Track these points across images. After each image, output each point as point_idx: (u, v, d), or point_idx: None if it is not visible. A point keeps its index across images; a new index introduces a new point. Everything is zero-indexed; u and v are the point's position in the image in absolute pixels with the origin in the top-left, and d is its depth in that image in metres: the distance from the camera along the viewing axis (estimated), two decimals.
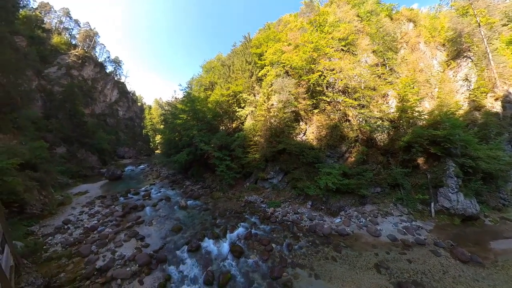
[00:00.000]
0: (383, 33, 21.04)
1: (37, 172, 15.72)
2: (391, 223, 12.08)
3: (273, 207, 14.39)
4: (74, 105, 33.50)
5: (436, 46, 22.67)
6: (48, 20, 47.98)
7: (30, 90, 25.76)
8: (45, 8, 48.41)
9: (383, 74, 18.95)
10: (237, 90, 23.75)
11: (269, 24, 33.97)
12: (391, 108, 17.55)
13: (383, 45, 20.62)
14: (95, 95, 47.41)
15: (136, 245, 10.42)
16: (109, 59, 61.70)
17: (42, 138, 21.42)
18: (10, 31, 22.00)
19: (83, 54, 46.36)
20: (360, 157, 15.33)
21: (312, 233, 11.24)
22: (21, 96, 21.12)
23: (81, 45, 50.74)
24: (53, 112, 31.00)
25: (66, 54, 42.91)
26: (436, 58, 22.23)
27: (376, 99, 17.95)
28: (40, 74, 33.10)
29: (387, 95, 18.31)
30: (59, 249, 10.11)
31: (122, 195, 18.70)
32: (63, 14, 51.85)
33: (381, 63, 20.12)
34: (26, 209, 12.89)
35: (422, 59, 21.69)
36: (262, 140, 18.03)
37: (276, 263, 8.90)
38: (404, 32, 23.30)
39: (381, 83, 18.28)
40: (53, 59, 39.61)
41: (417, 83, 18.99)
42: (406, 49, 22.26)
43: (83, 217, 14.05)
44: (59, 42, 44.49)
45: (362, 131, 16.35)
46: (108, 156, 38.18)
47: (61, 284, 7.78)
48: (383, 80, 18.72)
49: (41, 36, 38.93)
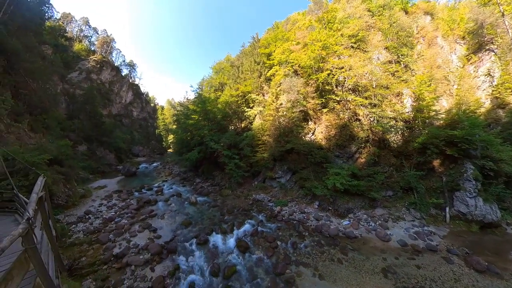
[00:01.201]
0: (397, 28, 20.04)
1: (63, 167, 17.12)
2: (402, 228, 11.66)
3: (280, 205, 14.50)
4: (94, 107, 36.09)
5: (455, 39, 21.23)
6: (70, 29, 52.53)
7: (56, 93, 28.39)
8: (67, 18, 52.90)
9: (397, 72, 18.11)
10: (246, 91, 24.12)
11: (278, 24, 33.99)
12: (406, 107, 16.77)
13: (397, 41, 19.65)
14: (112, 97, 50.60)
15: (149, 236, 11.07)
16: (124, 63, 65.57)
17: (66, 137, 23.30)
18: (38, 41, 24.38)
19: (101, 59, 49.78)
20: (371, 159, 14.95)
21: (318, 233, 11.21)
22: (48, 99, 23.22)
23: (99, 50, 54.82)
24: (75, 113, 33.55)
25: (86, 60, 46.41)
26: (455, 52, 20.86)
27: (389, 98, 17.25)
28: (64, 79, 36.05)
29: (402, 94, 17.50)
30: (81, 236, 11.04)
31: (136, 190, 19.76)
32: (83, 23, 56.24)
33: (395, 60, 19.22)
34: (53, 199, 14.08)
35: (440, 55, 20.40)
36: (270, 140, 18.21)
37: (280, 260, 9.03)
38: (420, 27, 21.96)
39: (395, 81, 17.52)
40: (75, 65, 43.01)
41: (434, 80, 17.92)
42: (422, 45, 21.01)
43: (102, 208, 15.09)
44: (80, 49, 48.48)
45: (374, 132, 15.86)
46: (124, 154, 40.45)
47: (82, 266, 8.56)
48: (397, 78, 17.89)
49: (64, 44, 42.70)
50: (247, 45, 32.17)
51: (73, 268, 8.34)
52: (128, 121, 55.37)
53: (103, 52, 55.53)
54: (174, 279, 7.94)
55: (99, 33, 59.66)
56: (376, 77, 17.07)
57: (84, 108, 34.76)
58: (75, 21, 54.81)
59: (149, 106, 72.04)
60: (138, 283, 7.68)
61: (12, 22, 19.58)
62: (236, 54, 37.07)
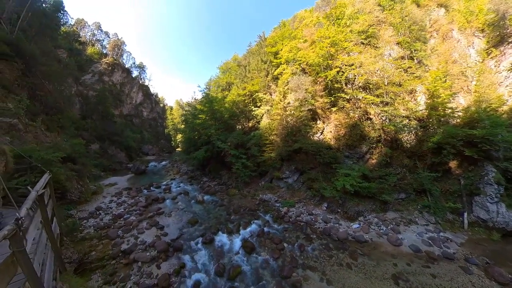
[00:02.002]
0: (409, 22, 19.06)
1: (76, 165, 17.72)
2: (415, 232, 11.08)
3: (287, 206, 14.25)
4: (106, 107, 37.66)
5: (473, 32, 19.78)
6: (83, 34, 54.96)
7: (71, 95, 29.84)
8: (80, 23, 55.34)
9: (410, 68, 17.23)
10: (253, 90, 24.00)
11: (284, 22, 33.67)
12: (420, 105, 15.91)
13: (409, 36, 18.70)
14: (123, 98, 52.48)
15: (156, 233, 11.18)
16: (134, 65, 67.68)
17: (80, 136, 24.26)
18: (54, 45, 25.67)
19: (113, 61, 51.82)
20: (383, 159, 14.37)
21: (326, 236, 10.88)
22: (63, 100, 24.30)
23: (110, 53, 57.00)
24: (89, 114, 34.95)
25: (98, 63, 48.39)
26: (473, 46, 19.48)
27: (402, 96, 16.44)
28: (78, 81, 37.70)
29: (415, 91, 16.63)
30: (92, 231, 11.34)
31: (145, 188, 20.14)
32: (95, 27, 58.60)
33: (408, 56, 18.27)
34: (67, 195, 14.62)
35: (456, 49, 19.16)
36: (278, 139, 17.96)
37: (286, 262, 8.81)
38: (434, 20, 20.73)
39: (408, 78, 16.69)
40: (88, 68, 44.94)
41: (450, 76, 16.89)
42: (436, 39, 19.85)
43: (112, 205, 15.47)
44: (92, 52, 50.66)
45: (386, 131, 15.23)
46: (134, 152, 41.62)
47: (92, 261, 8.78)
48: (410, 75, 17.02)
49: (78, 48, 44.99)
50: (253, 44, 32.06)
51: (83, 262, 8.56)
52: (139, 121, 57.10)
53: (114, 54, 57.74)
54: (180, 277, 7.95)
55: (110, 36, 61.94)
56: (388, 74, 16.36)
57: (97, 108, 36.25)
58: (88, 26, 57.31)
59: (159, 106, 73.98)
60: (144, 280, 7.74)
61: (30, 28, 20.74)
62: (243, 54, 37.02)
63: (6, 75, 15.90)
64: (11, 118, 14.00)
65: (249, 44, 34.84)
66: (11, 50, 16.33)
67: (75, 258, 8.02)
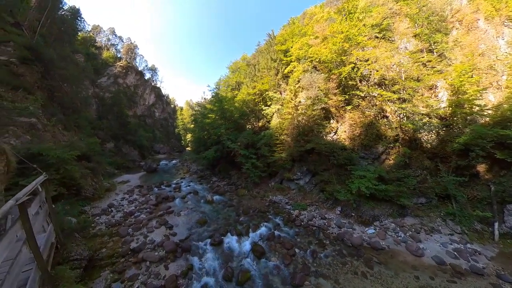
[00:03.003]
0: (428, 12, 17.70)
1: (91, 163, 18.28)
2: (438, 242, 10.15)
3: (298, 209, 13.74)
4: (120, 108, 39.40)
5: (502, 21, 17.84)
6: (99, 39, 57.89)
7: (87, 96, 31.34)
8: (96, 29, 58.41)
9: (429, 62, 15.98)
10: (263, 89, 23.64)
11: (294, 19, 33.11)
12: (442, 102, 14.74)
13: (428, 27, 17.32)
14: (136, 99, 54.72)
15: (165, 232, 11.14)
16: (147, 67, 70.32)
17: (95, 135, 25.26)
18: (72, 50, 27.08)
19: (126, 64, 54.24)
20: (401, 160, 13.43)
21: (340, 242, 10.28)
22: (80, 102, 25.47)
23: (124, 57, 59.72)
24: (104, 114, 36.54)
25: (113, 66, 50.86)
26: (503, 37, 17.61)
27: (421, 92, 15.32)
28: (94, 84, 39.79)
29: (436, 86, 15.43)
30: (103, 228, 11.51)
31: (156, 186, 20.42)
32: (110, 32, 61.80)
33: (427, 49, 16.94)
34: (81, 192, 15.06)
35: (483, 40, 17.55)
36: (288, 139, 17.44)
37: (298, 269, 8.35)
38: (455, 9, 19.15)
39: (428, 73, 15.47)
40: (103, 71, 47.34)
41: (477, 70, 15.44)
42: (459, 30, 18.14)
43: (124, 202, 15.74)
44: (108, 56, 53.47)
45: (404, 130, 14.27)
46: (146, 151, 42.98)
47: (102, 258, 8.84)
48: (430, 69, 15.79)
49: (94, 52, 47.71)
50: (262, 43, 31.81)
51: (93, 259, 8.63)
52: (151, 121, 59.04)
53: (128, 58, 60.43)
54: (187, 279, 7.76)
55: (124, 40, 65.25)
56: (405, 69, 15.27)
57: (112, 109, 37.98)
58: (103, 32, 60.55)
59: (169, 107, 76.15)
60: (151, 280, 7.64)
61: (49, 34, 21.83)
62: (252, 53, 37.01)
63: (27, 78, 16.68)
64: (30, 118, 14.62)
65: (258, 43, 34.63)
66: (31, 55, 17.14)
67: (85, 255, 8.06)
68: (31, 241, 3.61)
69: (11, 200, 2.97)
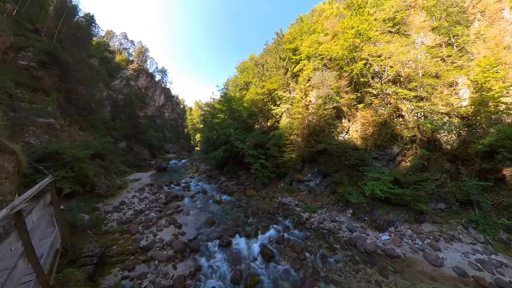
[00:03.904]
0: (446, 3, 16.61)
1: (104, 161, 18.86)
2: (459, 251, 9.45)
3: (308, 211, 13.38)
4: (132, 109, 40.92)
5: None
6: (112, 44, 60.50)
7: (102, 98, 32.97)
8: (109, 34, 61.23)
9: (449, 57, 14.97)
10: (271, 88, 23.36)
11: (302, 17, 32.54)
12: (463, 100, 13.75)
13: (447, 19, 16.25)
14: (147, 100, 56.54)
15: (174, 231, 11.20)
16: (157, 69, 72.26)
17: (109, 135, 26.04)
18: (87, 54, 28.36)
19: (138, 67, 56.29)
20: (418, 162, 12.62)
21: (352, 247, 9.86)
22: (95, 103, 26.59)
23: (136, 60, 61.87)
24: (117, 115, 37.94)
25: (125, 69, 52.87)
26: None
27: (440, 89, 14.37)
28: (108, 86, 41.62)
29: (456, 83, 14.41)
30: (115, 225, 11.75)
31: (166, 185, 20.70)
32: (122, 37, 64.48)
33: (446, 43, 15.86)
34: (95, 189, 15.51)
35: (509, 32, 16.20)
36: (299, 139, 17.04)
37: (308, 274, 8.08)
38: None
39: (447, 68, 14.47)
40: (116, 74, 49.38)
41: (503, 65, 14.18)
42: (482, 21, 16.77)
43: (135, 200, 16.03)
44: (120, 60, 55.53)
45: (421, 130, 13.45)
46: (157, 150, 44.17)
47: (112, 255, 9.00)
48: (449, 64, 14.78)
49: (108, 56, 50.07)
50: (270, 42, 31.61)
51: (104, 256, 8.79)
52: (161, 121, 60.73)
53: (139, 61, 62.86)
54: (195, 280, 7.70)
55: (136, 44, 67.91)
56: (422, 64, 14.35)
57: (125, 110, 39.56)
58: (116, 36, 63.53)
59: (179, 107, 77.85)
60: (160, 279, 7.65)
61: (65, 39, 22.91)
62: (259, 53, 36.98)
63: (45, 81, 17.49)
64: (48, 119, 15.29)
65: (266, 42, 34.50)
66: (49, 59, 17.94)
67: (97, 252, 8.22)
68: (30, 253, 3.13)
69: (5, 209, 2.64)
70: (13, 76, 13.77)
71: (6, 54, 14.66)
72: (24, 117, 13.53)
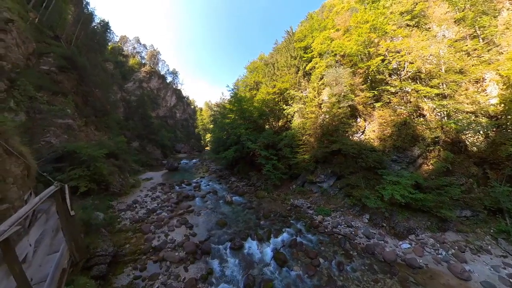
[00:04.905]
0: None
1: (118, 160, 19.37)
2: (488, 264, 8.60)
3: (321, 215, 12.91)
4: (145, 110, 42.17)
5: None
6: (126, 48, 63.12)
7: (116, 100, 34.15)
8: (123, 39, 64.09)
9: (475, 50, 13.79)
10: (283, 88, 22.99)
11: (311, 14, 31.88)
12: (492, 98, 12.62)
13: (472, 9, 14.93)
14: (159, 101, 58.29)
15: (185, 232, 11.16)
16: (168, 71, 74.30)
17: (123, 135, 26.91)
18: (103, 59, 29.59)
19: (150, 70, 58.30)
20: (442, 166, 11.74)
21: (370, 255, 9.31)
22: (110, 105, 27.52)
23: (148, 63, 64.16)
24: (130, 116, 39.18)
25: (138, 72, 54.84)
26: None
27: (465, 86, 13.29)
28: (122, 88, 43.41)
29: (483, 79, 13.21)
30: (128, 223, 11.94)
31: (177, 184, 20.93)
32: (135, 41, 67.17)
33: (471, 35, 14.60)
34: (109, 188, 15.93)
35: None
36: (312, 140, 16.51)
37: (323, 281, 7.70)
38: None
39: (473, 63, 13.35)
40: (130, 76, 51.37)
41: None
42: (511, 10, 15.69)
43: (147, 199, 16.30)
44: (133, 63, 57.65)
45: (445, 130, 12.55)
46: (168, 150, 45.27)
47: (125, 254, 9.06)
48: (475, 59, 13.58)
49: (122, 60, 52.32)
50: (280, 41, 31.34)
51: (117, 255, 8.87)
52: (172, 121, 62.31)
53: (151, 63, 65.23)
54: (207, 284, 7.55)
55: (148, 48, 70.53)
56: (445, 59, 13.31)
57: (137, 111, 40.95)
58: (129, 41, 66.37)
59: (190, 108, 79.46)
60: (171, 281, 7.58)
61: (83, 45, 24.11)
62: (269, 52, 36.74)
63: (65, 84, 18.30)
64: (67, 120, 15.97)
65: (275, 41, 34.14)
66: (68, 64, 18.71)
67: (110, 251, 8.30)
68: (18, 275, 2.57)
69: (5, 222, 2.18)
70: (35, 80, 14.43)
71: (29, 60, 15.38)
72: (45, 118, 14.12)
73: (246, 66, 39.75)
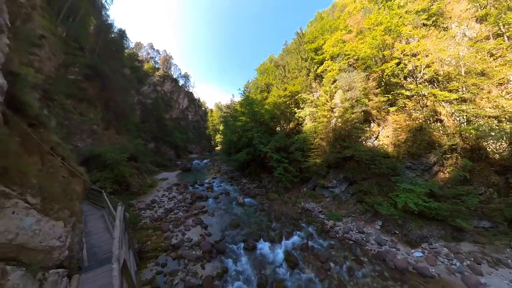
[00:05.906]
0: None
1: (137, 162, 20.63)
2: (506, 279, 8.23)
3: (333, 219, 13.03)
4: (159, 112, 44.60)
5: None
6: (140, 54, 66.20)
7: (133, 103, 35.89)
8: (138, 46, 67.57)
9: (498, 51, 12.89)
10: (294, 90, 23.02)
11: (321, 14, 31.14)
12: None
13: (495, 5, 13.89)
14: (172, 104, 60.80)
15: (200, 232, 11.81)
16: (180, 75, 77.10)
17: (140, 137, 28.46)
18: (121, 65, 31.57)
19: (163, 74, 61.22)
20: (459, 174, 11.37)
21: (381, 262, 9.38)
22: (128, 108, 29.14)
23: (161, 67, 67.40)
24: (146, 118, 41.17)
25: (152, 76, 57.68)
26: None
27: (487, 89, 12.54)
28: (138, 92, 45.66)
29: (508, 81, 12.33)
30: (148, 222, 12.80)
31: (191, 185, 21.83)
32: (149, 47, 70.74)
33: (495, 34, 13.64)
34: (129, 188, 17.07)
35: None
36: (324, 144, 16.53)
37: (333, 286, 7.95)
38: None
39: (496, 64, 12.48)
40: (145, 80, 53.89)
41: None
42: None
43: (164, 199, 17.21)
44: (148, 68, 60.57)
45: (464, 137, 12.10)
46: (181, 151, 47.10)
47: (148, 250, 9.83)
48: (499, 60, 12.65)
49: (138, 65, 54.28)
50: (289, 42, 31.03)
51: (141, 251, 9.69)
52: (184, 123, 64.86)
53: (164, 68, 68.40)
54: (222, 281, 8.07)
55: (161, 53, 73.98)
56: (465, 61, 12.61)
57: (152, 113, 43.25)
58: (144, 47, 69.93)
59: (201, 110, 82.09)
60: (190, 278, 8.15)
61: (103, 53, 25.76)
62: (278, 53, 36.86)
63: (89, 92, 19.79)
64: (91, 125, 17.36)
65: (284, 42, 33.98)
66: (91, 72, 20.16)
67: (136, 247, 9.11)
68: None
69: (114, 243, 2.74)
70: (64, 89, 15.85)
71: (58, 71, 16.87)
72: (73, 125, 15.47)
73: (257, 68, 40.23)
